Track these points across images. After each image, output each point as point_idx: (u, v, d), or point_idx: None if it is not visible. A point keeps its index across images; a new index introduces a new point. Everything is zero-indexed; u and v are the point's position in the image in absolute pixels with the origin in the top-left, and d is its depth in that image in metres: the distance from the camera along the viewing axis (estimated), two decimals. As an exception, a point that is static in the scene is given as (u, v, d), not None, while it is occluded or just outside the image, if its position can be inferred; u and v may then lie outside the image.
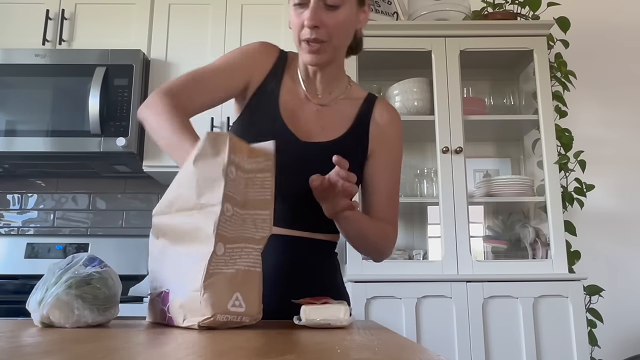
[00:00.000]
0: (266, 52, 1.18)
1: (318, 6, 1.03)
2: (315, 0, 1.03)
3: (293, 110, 1.14)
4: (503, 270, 2.14)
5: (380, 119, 1.18)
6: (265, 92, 1.15)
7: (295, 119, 1.13)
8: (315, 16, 1.02)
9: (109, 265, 0.92)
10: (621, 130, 2.67)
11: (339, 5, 1.04)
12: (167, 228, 0.85)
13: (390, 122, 1.19)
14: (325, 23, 1.04)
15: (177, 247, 0.82)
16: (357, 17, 1.10)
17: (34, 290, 0.87)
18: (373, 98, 1.21)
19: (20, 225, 2.64)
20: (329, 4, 1.04)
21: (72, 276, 0.86)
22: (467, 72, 2.36)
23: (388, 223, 1.15)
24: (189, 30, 2.48)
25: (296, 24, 1.06)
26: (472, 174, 2.55)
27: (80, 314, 0.83)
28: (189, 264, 0.77)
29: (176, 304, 0.78)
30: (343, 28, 1.07)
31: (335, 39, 1.06)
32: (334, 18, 1.04)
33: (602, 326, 2.25)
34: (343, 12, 1.05)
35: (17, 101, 2.30)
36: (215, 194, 0.76)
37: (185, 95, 1.07)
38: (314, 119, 1.14)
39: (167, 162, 2.35)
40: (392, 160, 1.18)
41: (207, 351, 0.59)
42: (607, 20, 2.79)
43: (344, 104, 1.17)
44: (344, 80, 1.20)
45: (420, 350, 0.60)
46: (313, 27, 1.03)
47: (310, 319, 0.83)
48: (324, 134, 1.13)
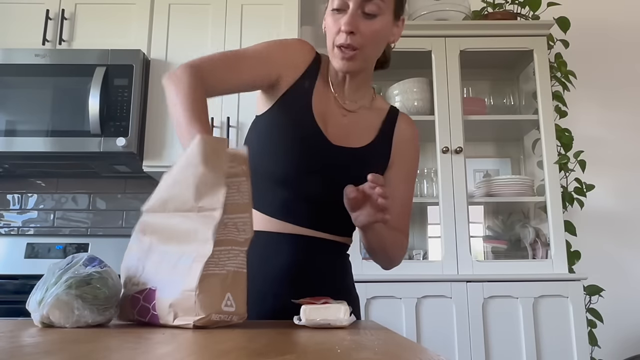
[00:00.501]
0: (304, 51, 1.18)
1: (356, 13, 1.04)
2: (355, 6, 1.04)
3: (324, 112, 1.14)
4: (503, 270, 2.14)
5: (404, 133, 1.20)
6: (298, 91, 1.13)
7: (326, 122, 1.13)
8: (352, 21, 1.03)
9: (109, 265, 0.92)
10: (621, 131, 2.67)
11: (376, 15, 1.05)
12: (158, 226, 0.85)
13: (412, 137, 1.22)
14: (361, 30, 1.04)
15: (167, 246, 0.82)
16: (392, 29, 1.11)
17: (34, 290, 0.87)
18: (396, 111, 1.24)
19: (20, 225, 2.64)
20: (367, 12, 1.05)
21: (72, 276, 0.86)
22: (467, 72, 2.36)
23: (401, 232, 1.18)
24: (189, 30, 2.48)
25: (332, 28, 1.07)
26: (472, 174, 2.55)
27: (80, 314, 0.83)
28: (181, 264, 0.78)
29: (165, 302, 0.78)
30: (377, 37, 1.07)
31: (368, 48, 1.07)
32: (370, 26, 1.05)
33: (602, 326, 2.25)
34: (379, 21, 1.06)
35: (17, 101, 2.30)
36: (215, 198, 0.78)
37: (213, 74, 1.05)
38: (342, 124, 1.15)
39: (167, 162, 2.35)
40: (410, 173, 1.22)
41: (208, 351, 0.59)
42: (607, 20, 2.79)
43: (368, 114, 1.19)
44: (370, 91, 1.22)
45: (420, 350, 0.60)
46: (349, 32, 1.04)
47: (310, 319, 0.84)
48: (351, 140, 1.14)
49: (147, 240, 0.86)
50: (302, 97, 1.13)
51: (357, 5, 1.04)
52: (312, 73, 1.16)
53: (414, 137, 1.23)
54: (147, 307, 0.82)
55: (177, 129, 0.98)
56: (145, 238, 0.86)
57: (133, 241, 0.89)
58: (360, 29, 1.04)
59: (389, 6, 1.07)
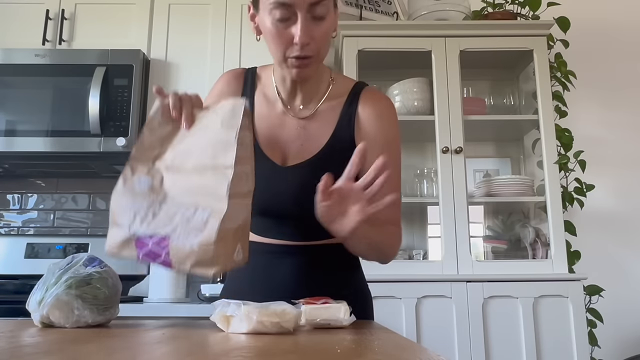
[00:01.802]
0: (230, 80, 1.15)
1: (307, 20, 0.95)
2: (304, 14, 0.95)
3: (271, 132, 1.10)
4: (503, 270, 2.14)
5: (365, 114, 1.09)
6: None
7: (274, 142, 1.09)
8: (306, 33, 0.95)
9: (109, 265, 0.93)
10: (621, 131, 2.67)
11: (324, 16, 0.97)
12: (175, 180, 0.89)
13: (376, 115, 1.09)
14: (315, 37, 0.97)
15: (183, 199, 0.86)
16: (335, 20, 1.04)
17: (34, 290, 0.87)
18: (358, 91, 1.12)
19: (20, 225, 2.64)
20: (317, 16, 0.96)
21: (72, 276, 0.86)
22: (467, 72, 2.36)
23: (392, 224, 1.08)
24: (189, 30, 2.48)
25: (280, 40, 0.97)
26: (472, 174, 2.55)
27: (80, 314, 0.83)
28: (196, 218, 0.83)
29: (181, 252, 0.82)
30: (328, 38, 1.02)
31: (322, 51, 1.02)
32: (321, 30, 0.97)
33: (602, 326, 2.25)
34: (328, 20, 0.99)
35: (17, 101, 2.30)
36: (229, 156, 0.84)
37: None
38: (294, 137, 1.09)
39: (167, 162, 2.35)
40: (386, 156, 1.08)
41: (208, 352, 0.59)
42: (607, 20, 2.79)
43: (326, 109, 1.10)
44: (324, 80, 1.12)
45: (420, 350, 0.60)
46: (306, 44, 0.96)
47: (310, 319, 0.84)
48: (303, 152, 1.08)
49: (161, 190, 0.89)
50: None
51: (306, 11, 0.95)
52: (247, 95, 1.13)
53: (377, 115, 1.09)
54: (158, 253, 0.84)
55: None
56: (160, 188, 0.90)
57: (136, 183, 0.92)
58: (314, 35, 0.97)
59: (330, 1, 0.99)
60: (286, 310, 0.77)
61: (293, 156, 1.08)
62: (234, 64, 2.42)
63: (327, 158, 1.06)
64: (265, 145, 1.09)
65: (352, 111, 1.09)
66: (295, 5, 0.94)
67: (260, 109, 1.12)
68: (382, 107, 1.11)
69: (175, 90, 0.94)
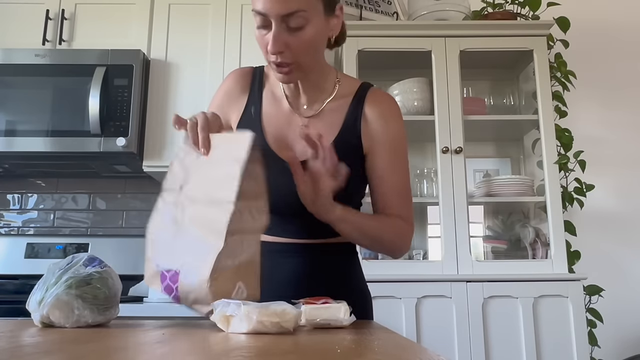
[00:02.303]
0: (238, 80, 1.16)
1: (280, 30, 0.96)
2: (277, 25, 0.96)
3: (279, 130, 1.11)
4: (503, 270, 2.14)
5: (372, 114, 1.11)
6: (247, 118, 1.13)
7: (282, 140, 1.10)
8: (277, 42, 0.96)
9: (109, 265, 0.93)
10: (621, 131, 2.67)
11: (303, 26, 0.97)
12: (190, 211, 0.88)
13: (383, 115, 1.11)
14: (290, 46, 0.98)
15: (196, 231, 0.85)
16: (328, 26, 1.03)
17: (34, 290, 0.87)
18: (364, 91, 1.14)
19: (20, 225, 2.64)
20: (292, 27, 0.97)
21: (72, 276, 0.86)
22: (467, 72, 2.36)
23: (401, 219, 1.10)
24: (189, 30, 2.47)
25: (262, 44, 1.01)
26: (472, 174, 2.55)
27: (80, 314, 0.83)
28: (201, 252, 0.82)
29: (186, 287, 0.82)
30: (310, 47, 1.00)
31: (303, 58, 1.01)
32: (298, 39, 0.98)
33: (602, 326, 2.25)
34: (309, 30, 0.98)
35: (17, 101, 2.30)
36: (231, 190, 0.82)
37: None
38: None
39: (167, 162, 2.34)
40: (393, 155, 1.11)
41: (208, 352, 0.59)
42: (607, 20, 2.79)
43: (332, 108, 1.12)
44: (329, 81, 1.14)
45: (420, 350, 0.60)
46: (278, 52, 0.98)
47: (310, 319, 0.84)
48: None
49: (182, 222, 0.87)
50: (252, 123, 1.11)
51: (279, 21, 0.96)
52: (255, 93, 1.15)
53: (385, 114, 1.12)
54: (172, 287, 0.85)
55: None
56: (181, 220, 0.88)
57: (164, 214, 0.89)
58: (289, 44, 0.97)
59: (315, 10, 0.98)
60: (286, 310, 0.77)
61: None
62: (234, 64, 2.42)
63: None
64: (273, 143, 1.10)
65: (358, 111, 1.11)
66: (268, 15, 0.96)
67: (268, 107, 1.14)
68: (388, 107, 1.13)
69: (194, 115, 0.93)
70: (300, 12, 0.95)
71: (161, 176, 2.49)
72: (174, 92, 2.42)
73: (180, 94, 2.42)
